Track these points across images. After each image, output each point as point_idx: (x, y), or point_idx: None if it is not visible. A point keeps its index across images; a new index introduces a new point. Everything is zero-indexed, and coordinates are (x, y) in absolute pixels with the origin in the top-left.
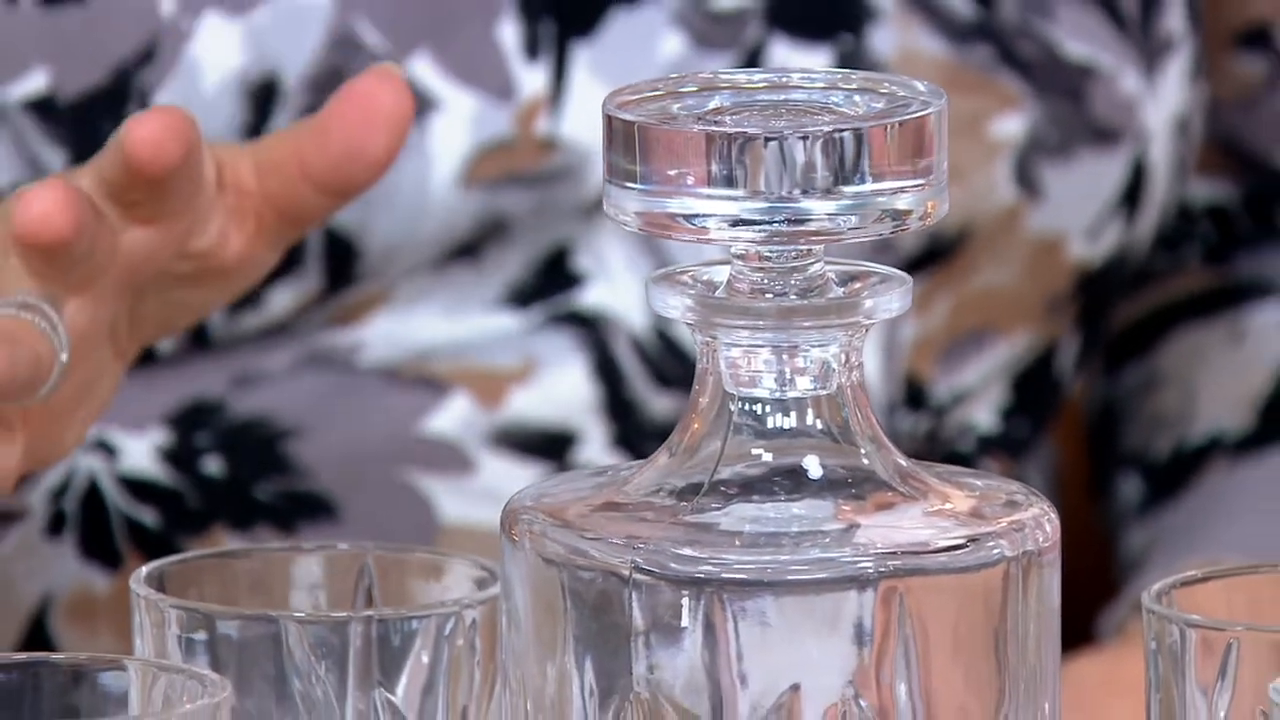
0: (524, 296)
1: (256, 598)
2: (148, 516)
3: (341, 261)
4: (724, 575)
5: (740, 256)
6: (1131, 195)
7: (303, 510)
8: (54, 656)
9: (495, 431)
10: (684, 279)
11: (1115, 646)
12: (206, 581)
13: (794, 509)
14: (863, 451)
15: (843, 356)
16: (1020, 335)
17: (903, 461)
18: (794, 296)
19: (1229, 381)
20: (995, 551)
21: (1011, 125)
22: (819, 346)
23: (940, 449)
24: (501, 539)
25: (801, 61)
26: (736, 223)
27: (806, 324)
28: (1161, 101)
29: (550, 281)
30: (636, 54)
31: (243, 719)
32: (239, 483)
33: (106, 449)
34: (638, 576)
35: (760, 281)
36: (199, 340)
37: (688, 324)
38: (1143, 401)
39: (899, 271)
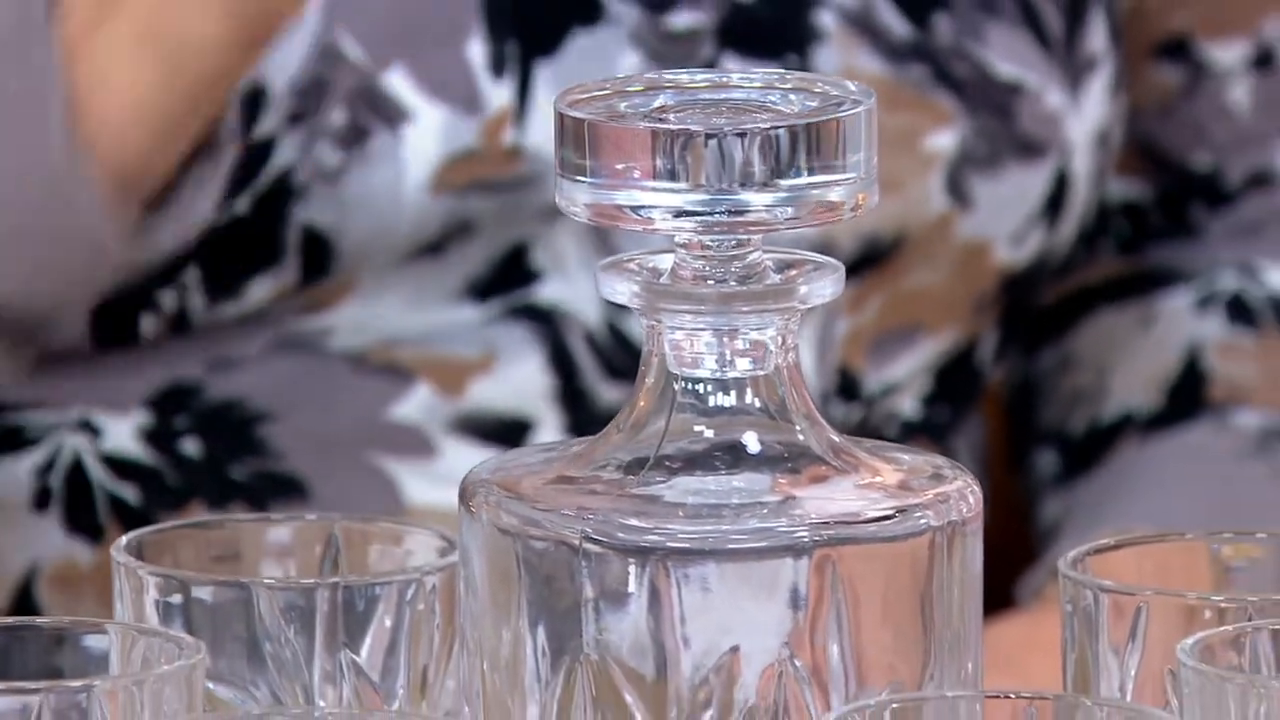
0: (484, 290)
1: (229, 565)
2: (129, 493)
3: (317, 257)
4: (668, 544)
5: (683, 245)
6: (1054, 204)
7: (275, 490)
8: (39, 620)
9: (456, 418)
10: (631, 266)
11: (1034, 609)
12: (182, 550)
13: (734, 482)
14: (798, 428)
15: (779, 339)
16: (947, 332)
17: (835, 438)
18: (733, 283)
19: (1140, 363)
20: (922, 522)
21: (944, 140)
22: (757, 330)
23: (868, 435)
24: (460, 510)
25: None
26: (679, 214)
27: (745, 309)
28: (1084, 116)
29: (509, 277)
30: (596, 71)
31: (216, 679)
32: (215, 463)
33: (91, 429)
34: (587, 546)
35: (702, 269)
36: (179, 326)
37: (634, 308)
38: (1059, 381)
39: (832, 260)
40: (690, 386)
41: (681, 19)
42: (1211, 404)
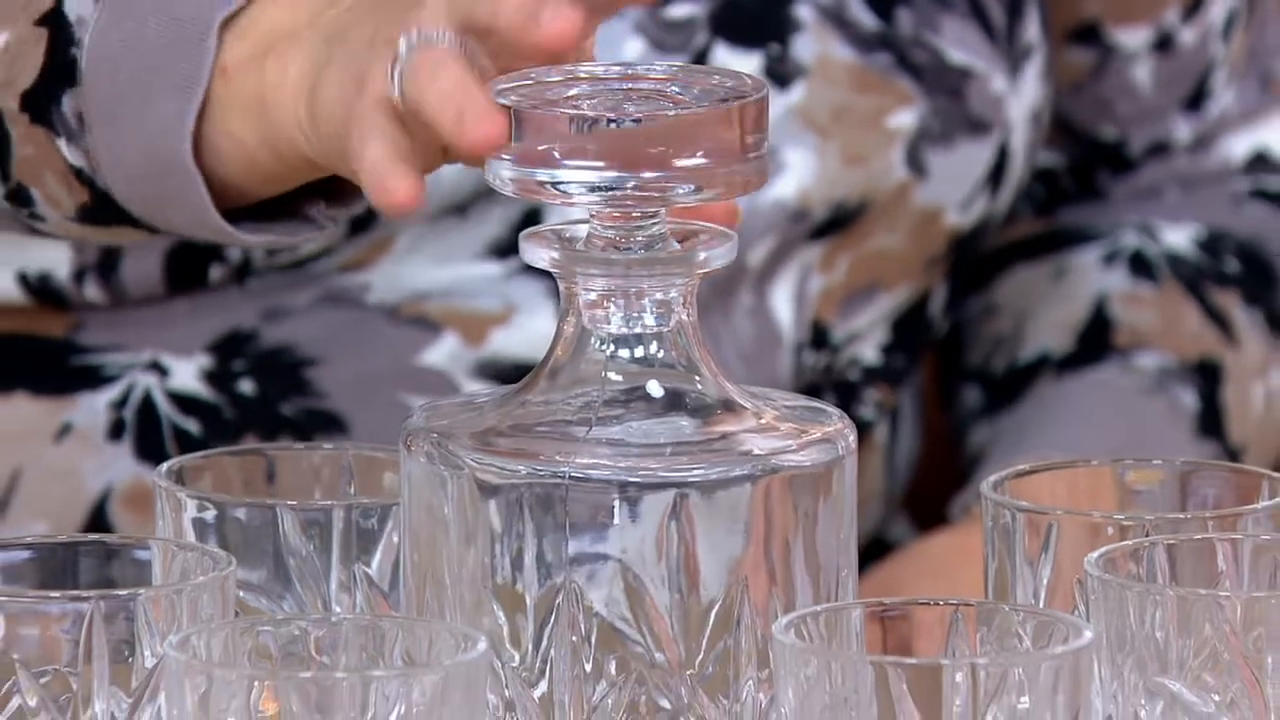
0: (504, 249)
1: (258, 489)
2: (191, 426)
3: (362, 215)
4: (638, 479)
5: (596, 217)
6: (996, 174)
7: (319, 425)
8: (92, 537)
9: (478, 364)
10: (549, 235)
11: (963, 524)
12: (217, 476)
13: (670, 424)
14: (697, 378)
15: (681, 299)
16: (903, 288)
17: (729, 386)
18: (640, 250)
19: (1053, 311)
20: (828, 454)
21: (905, 118)
22: (661, 291)
23: (834, 379)
24: (403, 454)
25: (738, 64)
26: (593, 189)
27: (648, 274)
28: (1022, 98)
29: None
30: (605, 56)
31: (246, 589)
32: (267, 401)
33: (160, 370)
34: (570, 483)
35: (613, 238)
36: (241, 273)
37: (553, 272)
38: (982, 327)
39: (726, 230)
40: (603, 343)
41: (679, 9)
42: (1116, 347)
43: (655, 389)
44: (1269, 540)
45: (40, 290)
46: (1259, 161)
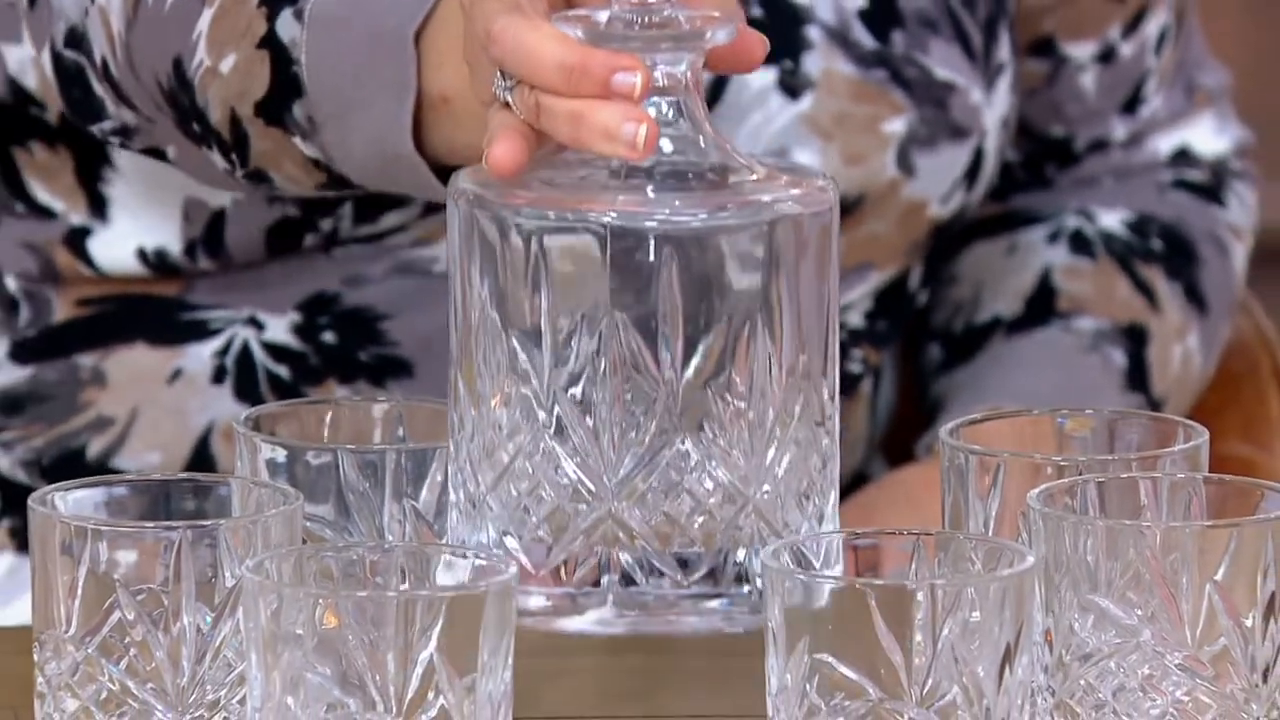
0: None
1: (323, 435)
2: (282, 371)
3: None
4: (682, 225)
5: (617, 2)
6: (972, 172)
7: (391, 370)
8: (182, 475)
9: None
10: (576, 18)
11: (927, 461)
12: (289, 424)
13: (690, 181)
14: (700, 138)
15: (689, 73)
16: (889, 267)
17: (726, 146)
18: (654, 30)
19: (1006, 280)
20: (823, 204)
21: (897, 125)
22: (672, 64)
23: None
24: (458, 208)
25: (756, 77)
26: None
27: (664, 47)
28: (995, 107)
29: None
30: None
31: (312, 521)
32: (346, 349)
33: (257, 324)
34: (615, 234)
35: (631, 19)
36: (330, 242)
37: None
38: (945, 293)
39: (729, 17)
40: None
41: None
42: (1058, 312)
43: (667, 145)
44: (1183, 479)
45: (157, 264)
46: (1181, 157)
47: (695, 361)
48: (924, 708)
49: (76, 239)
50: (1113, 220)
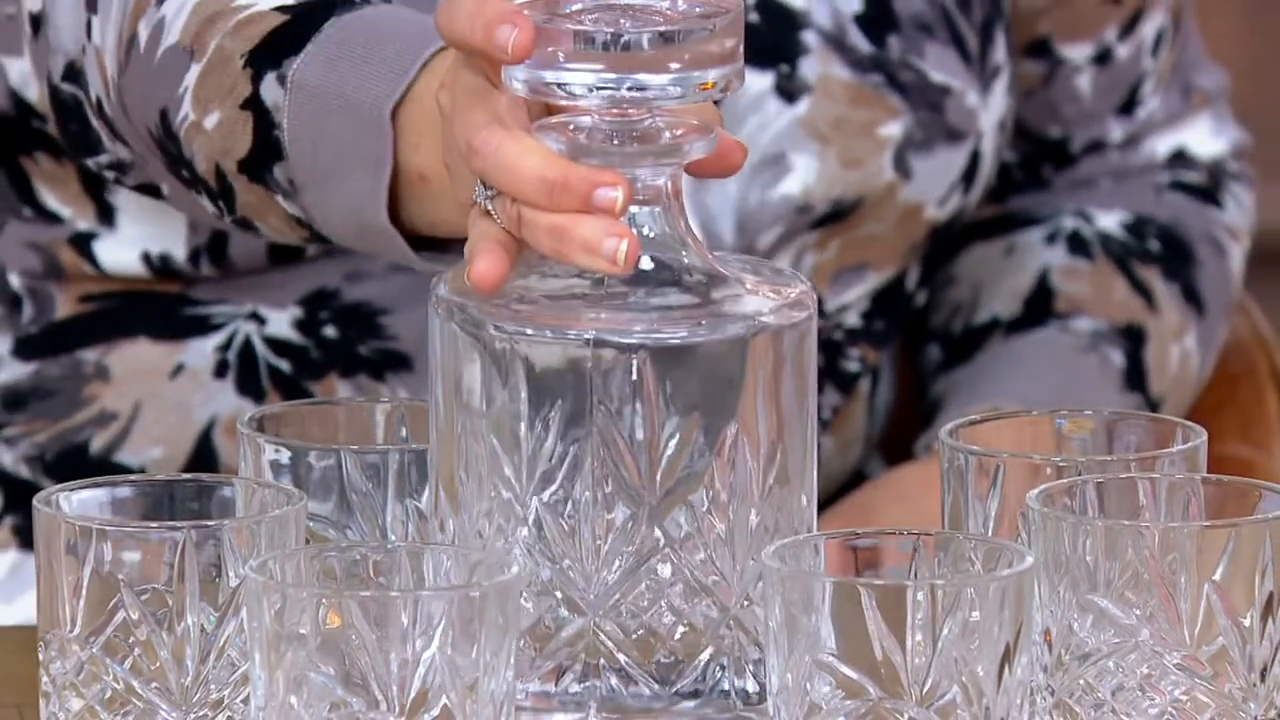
0: None
1: (325, 436)
2: (284, 365)
3: None
4: (663, 341)
5: (597, 113)
6: (969, 175)
7: (391, 364)
8: (186, 476)
9: None
10: (558, 126)
11: (926, 459)
12: (292, 424)
13: (671, 295)
14: (684, 251)
15: (669, 184)
16: (887, 269)
17: (710, 255)
18: (635, 144)
19: (1003, 281)
20: (802, 314)
21: (893, 128)
22: (653, 177)
23: (822, 338)
24: (438, 318)
25: (754, 81)
26: (594, 89)
27: (645, 161)
28: (991, 110)
29: None
30: None
31: (315, 521)
32: (347, 343)
33: (259, 319)
34: (597, 348)
35: (611, 131)
36: (331, 248)
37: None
38: (944, 294)
39: (710, 124)
40: None
41: None
42: (1056, 312)
43: (646, 263)
44: (1182, 479)
45: (161, 269)
46: (1178, 158)
47: (676, 474)
48: (924, 707)
49: (82, 242)
50: (1110, 221)
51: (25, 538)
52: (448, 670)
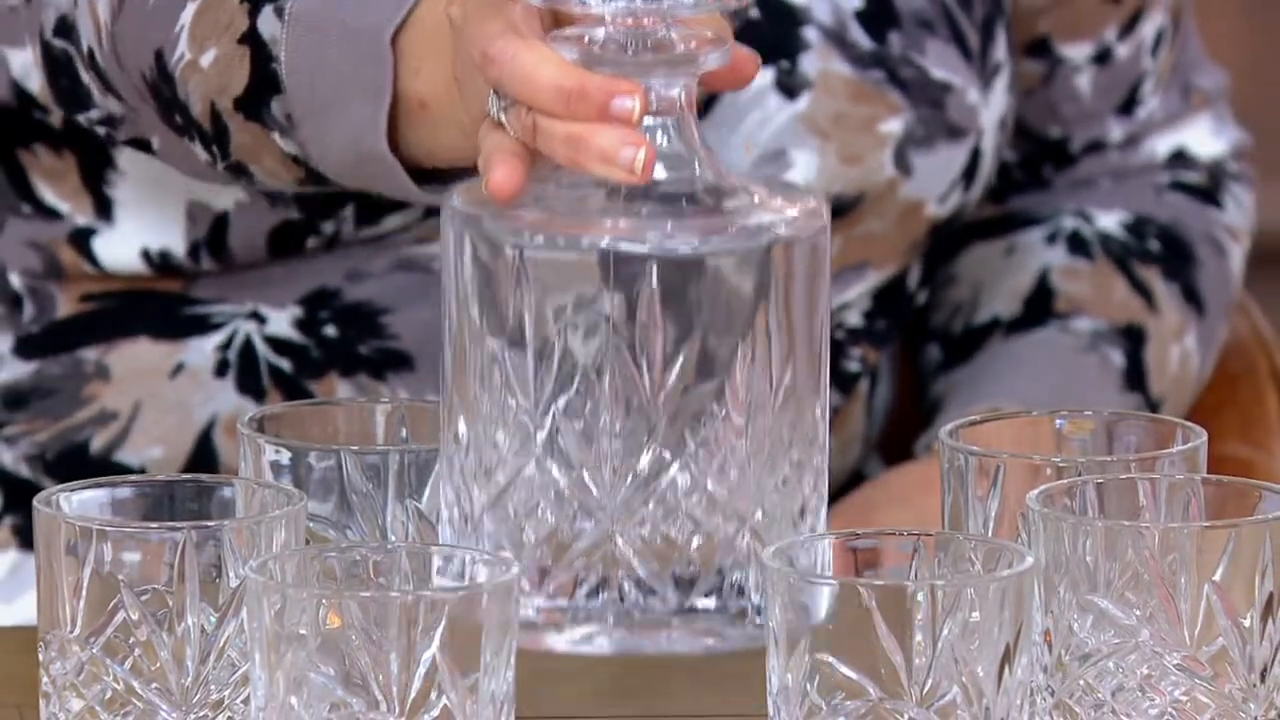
0: None
1: (326, 436)
2: (284, 364)
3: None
4: (677, 251)
5: (612, 23)
6: (970, 172)
7: (391, 363)
8: (186, 476)
9: None
10: (571, 38)
11: (926, 459)
12: (292, 425)
13: (685, 205)
14: (695, 162)
15: (683, 95)
16: (888, 267)
17: (721, 169)
18: (650, 54)
19: (1004, 281)
20: (815, 225)
21: (894, 125)
22: (666, 88)
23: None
24: (454, 230)
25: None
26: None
27: (659, 71)
28: (992, 108)
29: None
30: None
31: (315, 521)
32: (348, 342)
33: (259, 318)
34: (612, 257)
35: (627, 41)
36: (331, 243)
37: None
38: (944, 294)
39: (724, 37)
40: None
41: None
42: (1056, 312)
43: (661, 173)
44: (1182, 480)
45: (161, 265)
46: (1178, 158)
47: (691, 384)
48: (924, 707)
49: (81, 239)
50: (1110, 222)
51: (25, 537)
52: (448, 671)
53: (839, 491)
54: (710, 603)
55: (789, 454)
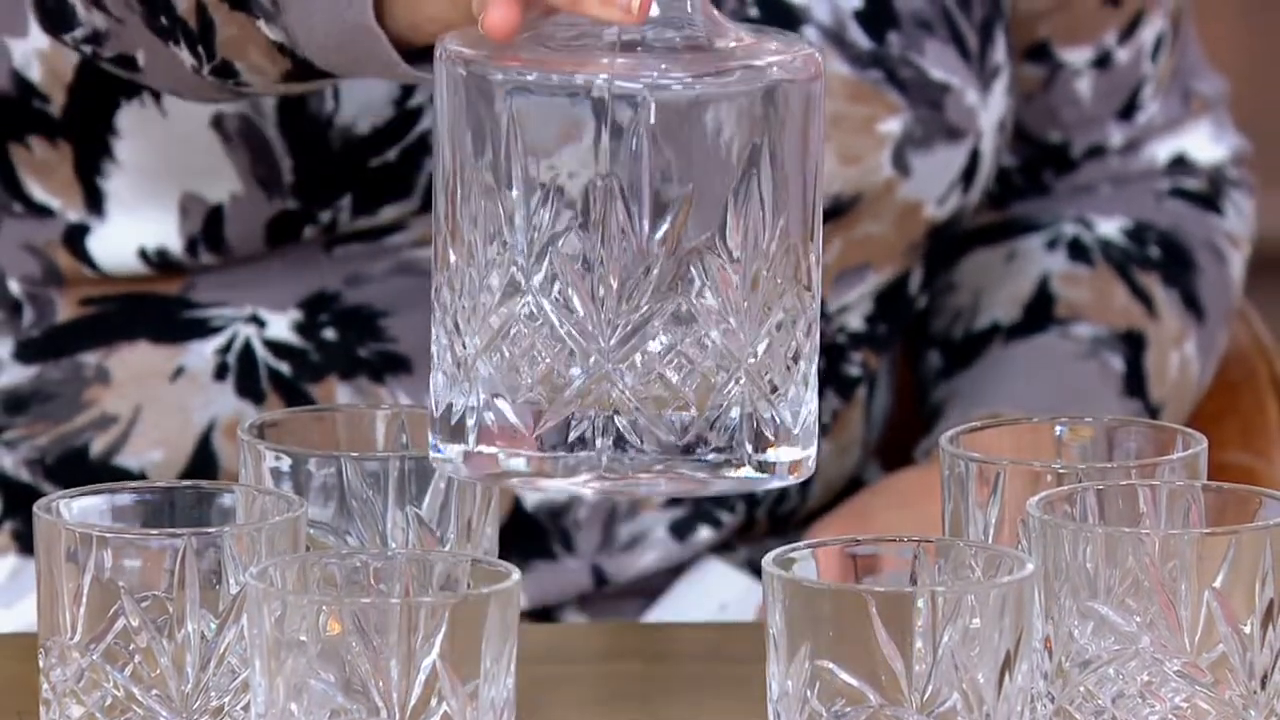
0: None
1: (326, 443)
2: (284, 367)
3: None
4: (673, 90)
5: None
6: (969, 174)
7: (390, 366)
8: (186, 483)
9: None
10: None
11: (926, 465)
12: (292, 431)
13: (681, 47)
14: (690, 8)
15: None
16: (888, 269)
17: (716, 14)
18: None
19: (1004, 287)
20: (809, 70)
21: (892, 125)
22: None
23: (824, 342)
24: (448, 70)
25: None
26: None
27: None
28: (991, 109)
29: None
30: None
31: (315, 528)
32: (347, 346)
33: (258, 322)
34: (608, 95)
35: None
36: (329, 234)
37: None
38: (944, 300)
39: None
40: None
41: None
42: (1056, 318)
43: (656, 10)
44: (1182, 486)
45: (159, 262)
46: (1178, 164)
47: (686, 225)
48: (924, 714)
49: (75, 238)
50: (1110, 228)
51: (25, 542)
52: (448, 677)
53: (837, 497)
54: (702, 448)
55: (782, 300)
